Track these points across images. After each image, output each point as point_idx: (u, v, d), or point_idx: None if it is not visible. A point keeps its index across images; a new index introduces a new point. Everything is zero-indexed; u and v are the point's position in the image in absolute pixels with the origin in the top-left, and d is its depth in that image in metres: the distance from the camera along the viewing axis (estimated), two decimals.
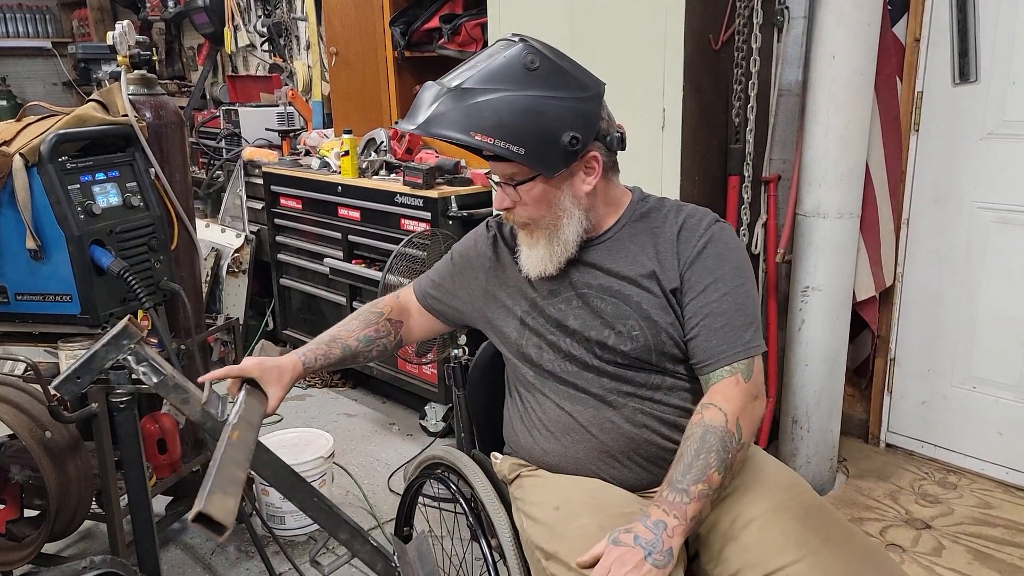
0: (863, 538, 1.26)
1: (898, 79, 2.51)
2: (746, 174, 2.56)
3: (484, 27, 2.86)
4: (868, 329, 2.79)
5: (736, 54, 2.29)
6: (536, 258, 1.37)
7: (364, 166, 3.32)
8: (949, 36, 2.39)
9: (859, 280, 2.61)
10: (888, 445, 2.88)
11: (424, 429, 3.21)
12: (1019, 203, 2.43)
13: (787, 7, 2.47)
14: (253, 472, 1.36)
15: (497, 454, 1.54)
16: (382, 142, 3.37)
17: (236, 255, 3.89)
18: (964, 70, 2.41)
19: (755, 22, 2.19)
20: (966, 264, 2.58)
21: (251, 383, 1.33)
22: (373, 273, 3.11)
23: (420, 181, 2.95)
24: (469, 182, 3.06)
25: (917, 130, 2.60)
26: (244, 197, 4.04)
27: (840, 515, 1.31)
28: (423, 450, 3.04)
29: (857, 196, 2.45)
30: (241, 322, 3.89)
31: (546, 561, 1.27)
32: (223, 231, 4.03)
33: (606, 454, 1.36)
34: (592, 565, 1.15)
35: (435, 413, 3.16)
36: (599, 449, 1.36)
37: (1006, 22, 2.34)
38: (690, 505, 1.16)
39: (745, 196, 2.58)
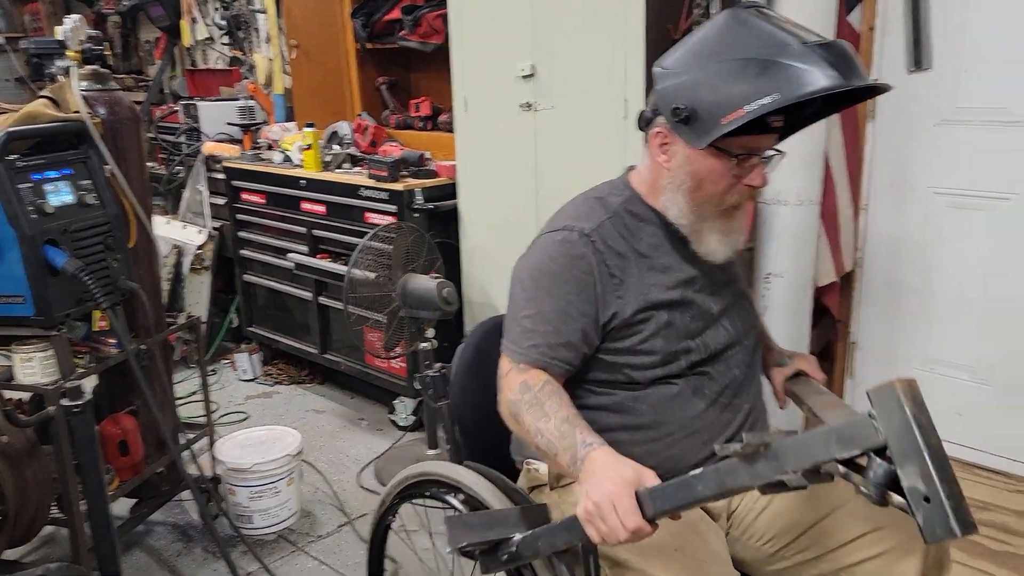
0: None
1: None
2: None
3: (445, 18, 2.84)
4: (830, 314, 2.83)
5: None
6: (735, 239, 1.36)
7: (328, 159, 3.29)
8: (903, 25, 2.43)
9: (820, 266, 2.64)
10: None
11: (394, 423, 3.20)
12: (972, 188, 2.48)
13: None
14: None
15: (532, 460, 1.49)
16: (345, 135, 3.34)
17: (198, 252, 3.84)
18: (918, 58, 2.45)
19: (712, 12, 2.21)
20: (923, 249, 2.63)
21: None
22: (339, 268, 3.08)
23: (385, 174, 2.93)
24: (434, 174, 3.05)
25: (873, 117, 2.64)
26: (206, 193, 3.98)
27: None
28: (390, 446, 3.03)
29: (816, 183, 2.48)
30: (204, 320, 3.84)
31: (612, 570, 1.27)
32: (184, 227, 3.97)
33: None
34: None
35: (404, 407, 3.15)
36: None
37: (957, 10, 2.39)
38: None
39: None
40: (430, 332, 2.70)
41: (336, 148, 3.32)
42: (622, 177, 1.44)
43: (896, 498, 0.85)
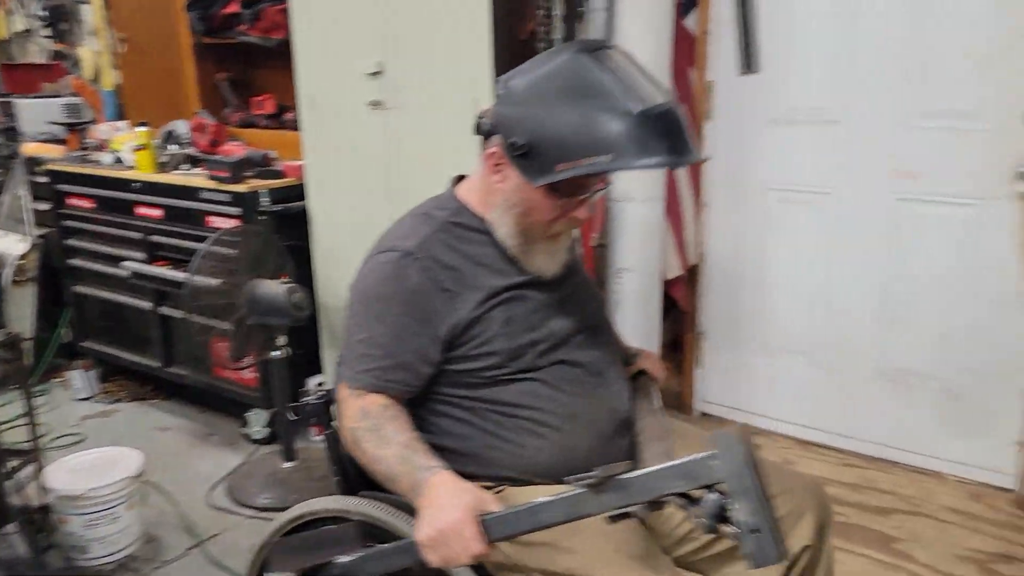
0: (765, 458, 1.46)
1: (691, 69, 2.67)
2: None
3: (287, 13, 2.73)
4: (678, 307, 2.96)
5: (540, 44, 2.34)
6: (556, 261, 1.39)
7: (164, 160, 3.09)
8: (733, 29, 2.57)
9: (667, 260, 2.76)
10: (703, 414, 3.08)
11: (246, 437, 3.05)
12: (800, 184, 2.66)
13: None
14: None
15: None
16: (183, 134, 3.15)
17: (20, 262, 3.50)
18: (748, 61, 2.59)
19: (555, 14, 2.25)
20: (759, 242, 2.80)
21: None
22: (180, 275, 2.89)
23: (227, 175, 2.78)
24: (281, 175, 2.93)
25: (710, 118, 2.77)
26: (26, 198, 3.64)
27: None
28: (243, 461, 2.89)
29: (660, 181, 2.58)
30: (29, 336, 3.51)
31: None
32: (3, 236, 3.61)
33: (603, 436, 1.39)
34: None
35: (257, 419, 3.01)
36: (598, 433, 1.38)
37: (783, 16, 2.55)
38: None
39: None
40: (282, 340, 2.59)
41: (173, 148, 3.12)
42: (449, 190, 1.45)
43: (726, 528, 0.96)
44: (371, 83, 2.55)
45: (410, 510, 1.32)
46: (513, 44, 2.39)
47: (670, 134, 1.15)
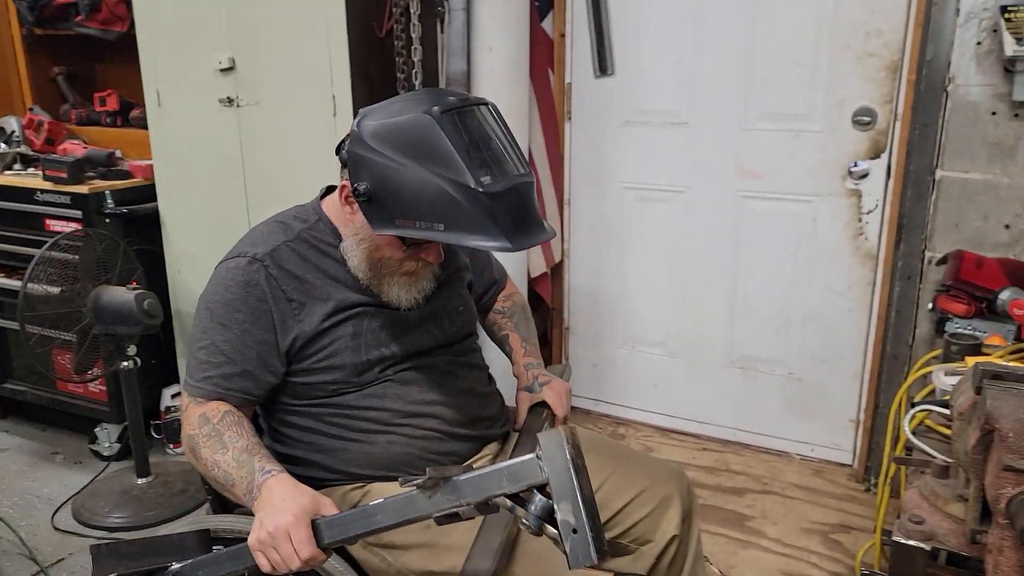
0: (633, 450, 1.56)
1: (550, 71, 2.72)
2: None
3: (129, 4, 2.58)
4: (545, 303, 3.01)
5: (397, 43, 2.32)
6: (417, 291, 1.36)
7: None
8: (587, 32, 2.65)
9: (532, 258, 2.80)
10: (571, 408, 3.14)
11: (96, 454, 2.86)
12: (655, 183, 2.77)
13: None
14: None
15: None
16: (14, 131, 2.92)
17: None
18: (602, 64, 2.69)
19: (412, 12, 2.24)
20: (618, 239, 2.89)
21: None
22: (13, 283, 2.69)
23: (64, 175, 2.60)
24: (128, 175, 2.76)
25: (570, 118, 2.84)
26: None
27: (607, 437, 1.52)
28: (92, 480, 2.71)
29: None
30: None
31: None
32: None
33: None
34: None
35: (108, 435, 2.83)
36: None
37: (632, 20, 2.64)
38: (539, 351, 1.61)
39: None
40: (132, 349, 2.45)
41: (2, 147, 2.89)
42: (314, 200, 1.42)
43: (550, 529, 0.97)
44: (223, 79, 2.45)
45: None
46: (371, 41, 2.36)
47: (510, 214, 1.15)
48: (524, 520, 0.99)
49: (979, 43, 2.08)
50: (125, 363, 2.45)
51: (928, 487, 1.22)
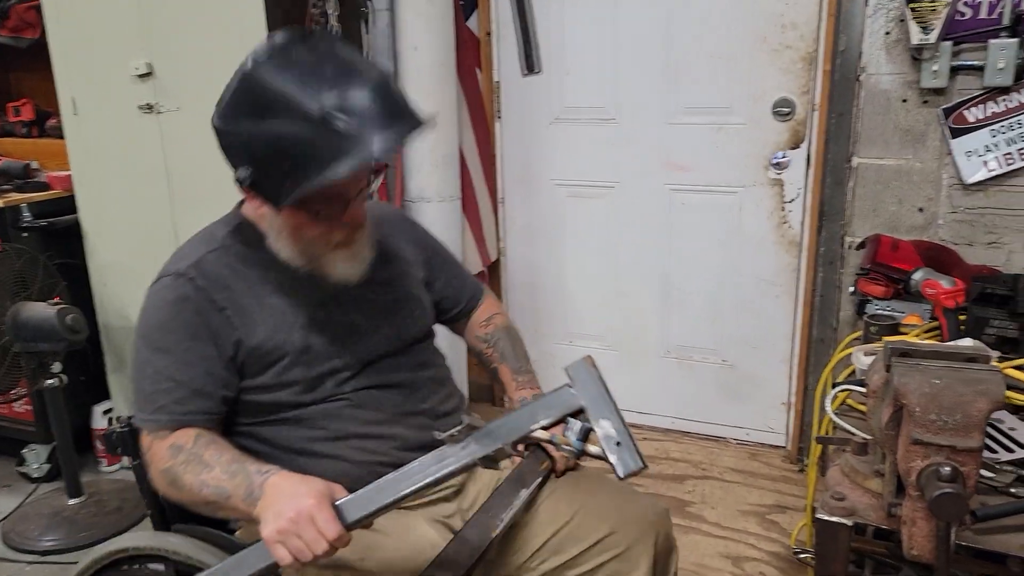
0: (610, 479, 1.42)
1: (478, 70, 2.73)
2: None
3: (39, 10, 2.50)
4: None
5: None
6: (360, 261, 1.30)
7: None
8: (513, 31, 2.66)
9: (468, 257, 2.80)
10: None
11: (25, 476, 2.76)
12: (584, 179, 2.80)
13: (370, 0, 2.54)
14: None
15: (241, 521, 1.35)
16: None
17: None
18: (528, 62, 2.70)
19: (331, 13, 2.22)
20: (553, 235, 2.91)
21: None
22: None
23: None
24: (46, 187, 2.68)
25: (500, 117, 2.85)
26: None
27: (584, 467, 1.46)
28: (20, 503, 2.61)
29: (455, 180, 2.62)
30: None
31: None
32: None
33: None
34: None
35: (36, 456, 2.73)
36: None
37: (556, 18, 2.67)
38: (534, 377, 1.50)
39: None
40: (56, 366, 2.37)
41: None
42: (235, 207, 1.36)
43: (592, 448, 1.04)
44: (141, 85, 2.39)
45: (231, 548, 1.27)
46: None
47: (370, 120, 1.07)
48: (566, 446, 1.04)
49: (888, 33, 2.16)
50: (50, 381, 2.37)
51: (848, 464, 1.26)
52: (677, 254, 2.73)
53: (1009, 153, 2.09)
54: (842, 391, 1.55)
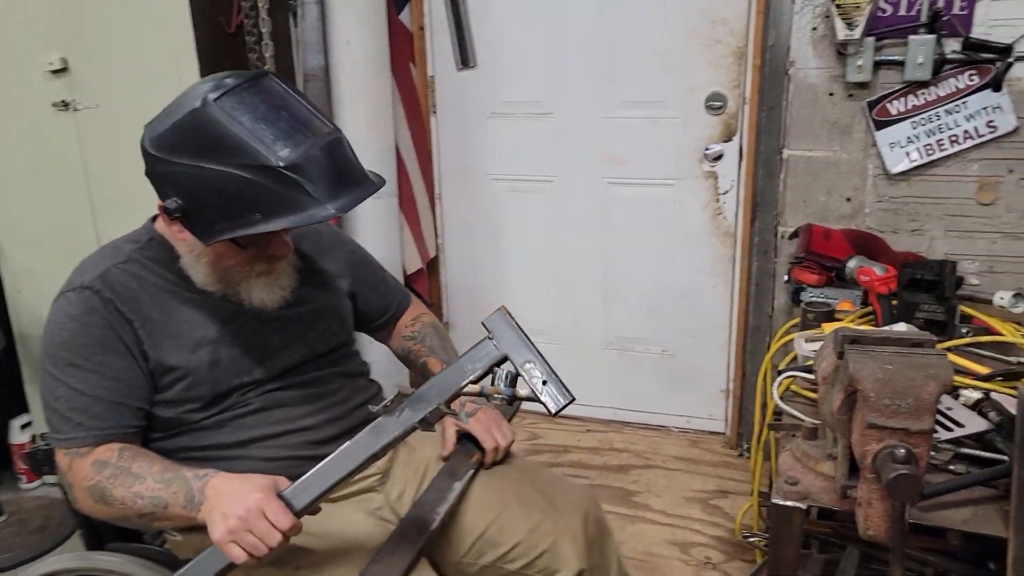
0: (538, 469, 1.48)
1: (412, 65, 2.69)
2: None
3: None
4: (422, 300, 2.98)
5: (248, 39, 2.22)
6: (280, 288, 1.29)
7: None
8: (447, 25, 2.63)
9: (406, 255, 2.76)
10: None
11: None
12: (522, 173, 2.80)
13: None
14: None
15: (174, 533, 1.30)
16: None
17: None
18: (463, 56, 2.68)
19: (260, 6, 2.14)
20: (492, 231, 2.90)
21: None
22: None
23: None
24: None
25: (435, 112, 2.82)
26: None
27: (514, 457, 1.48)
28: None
29: (391, 176, 2.57)
30: None
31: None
32: None
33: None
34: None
35: None
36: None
37: (490, 13, 2.65)
38: None
39: None
40: None
41: None
42: (146, 222, 1.32)
43: (521, 391, 1.10)
44: (55, 81, 2.27)
45: (170, 563, 1.25)
46: (220, 37, 2.24)
47: (324, 179, 1.08)
48: (496, 395, 1.10)
49: (814, 28, 2.22)
50: None
51: (800, 449, 1.29)
52: (616, 247, 2.76)
53: (929, 144, 2.19)
54: (787, 377, 1.59)
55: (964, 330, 1.74)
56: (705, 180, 2.58)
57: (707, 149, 2.54)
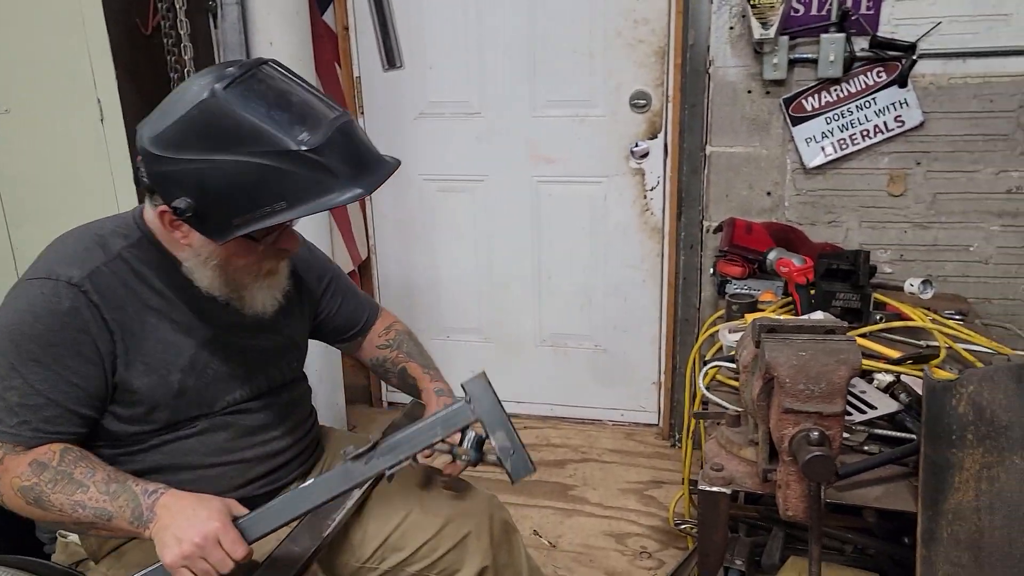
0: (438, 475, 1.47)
1: (337, 65, 2.66)
2: None
3: None
4: None
5: (166, 40, 2.17)
6: (278, 291, 1.29)
7: None
8: (372, 25, 2.61)
9: (338, 257, 2.74)
10: (390, 403, 3.13)
11: None
12: (452, 173, 2.80)
13: None
14: None
15: (65, 533, 1.28)
16: None
17: None
18: (389, 57, 2.67)
19: (178, 7, 2.09)
20: (424, 231, 2.90)
21: None
22: None
23: None
24: None
25: (362, 113, 2.80)
26: None
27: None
28: None
29: None
30: None
31: None
32: None
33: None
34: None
35: None
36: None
37: (416, 13, 2.64)
38: (439, 372, 1.54)
39: None
40: None
41: None
42: (134, 212, 1.24)
43: (489, 456, 1.18)
44: None
45: (45, 570, 1.21)
46: (136, 39, 2.18)
47: (345, 160, 1.06)
48: (463, 456, 1.19)
49: (732, 28, 2.29)
50: None
51: (724, 436, 1.33)
52: (547, 244, 2.79)
53: (843, 139, 2.28)
54: (712, 367, 1.64)
55: (878, 316, 1.82)
56: (632, 177, 2.63)
57: (634, 146, 2.59)
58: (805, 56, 2.23)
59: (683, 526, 2.12)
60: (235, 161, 1.03)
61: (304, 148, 1.03)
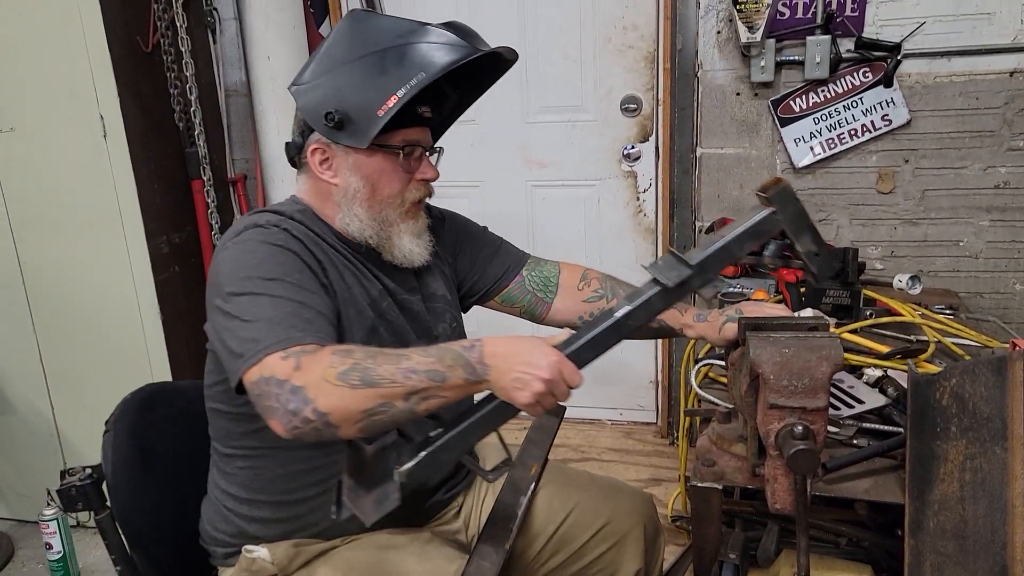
0: (596, 478, 1.53)
1: None
2: (207, 177, 2.50)
3: None
4: None
5: (166, 57, 2.21)
6: (426, 238, 1.33)
7: None
8: None
9: None
10: None
11: None
12: (449, 179, 2.63)
13: (216, 9, 2.46)
14: None
15: (250, 547, 1.26)
16: None
17: None
18: None
19: (179, 25, 2.13)
20: None
21: None
22: None
23: None
24: None
25: None
26: None
27: (569, 467, 1.55)
28: None
29: None
30: None
31: None
32: None
33: None
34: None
35: None
36: None
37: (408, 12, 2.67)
38: None
39: (210, 199, 2.52)
40: None
41: None
42: (289, 198, 1.31)
43: (795, 262, 1.21)
44: None
45: None
46: (138, 56, 2.22)
47: (460, 35, 1.22)
48: (768, 263, 1.37)
49: (719, 32, 2.33)
50: None
51: (715, 432, 1.37)
52: (542, 247, 2.81)
53: (831, 138, 2.32)
54: (704, 366, 1.68)
55: (868, 312, 1.86)
56: (625, 179, 2.67)
57: (627, 149, 2.63)
58: (792, 58, 2.26)
59: (679, 522, 2.15)
60: (378, 56, 1.17)
61: (433, 24, 1.21)
